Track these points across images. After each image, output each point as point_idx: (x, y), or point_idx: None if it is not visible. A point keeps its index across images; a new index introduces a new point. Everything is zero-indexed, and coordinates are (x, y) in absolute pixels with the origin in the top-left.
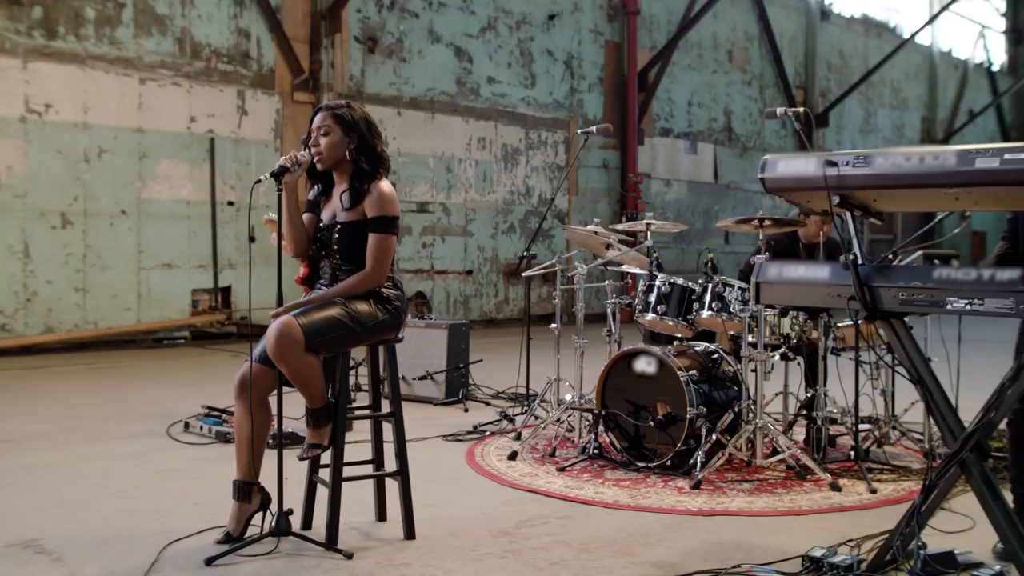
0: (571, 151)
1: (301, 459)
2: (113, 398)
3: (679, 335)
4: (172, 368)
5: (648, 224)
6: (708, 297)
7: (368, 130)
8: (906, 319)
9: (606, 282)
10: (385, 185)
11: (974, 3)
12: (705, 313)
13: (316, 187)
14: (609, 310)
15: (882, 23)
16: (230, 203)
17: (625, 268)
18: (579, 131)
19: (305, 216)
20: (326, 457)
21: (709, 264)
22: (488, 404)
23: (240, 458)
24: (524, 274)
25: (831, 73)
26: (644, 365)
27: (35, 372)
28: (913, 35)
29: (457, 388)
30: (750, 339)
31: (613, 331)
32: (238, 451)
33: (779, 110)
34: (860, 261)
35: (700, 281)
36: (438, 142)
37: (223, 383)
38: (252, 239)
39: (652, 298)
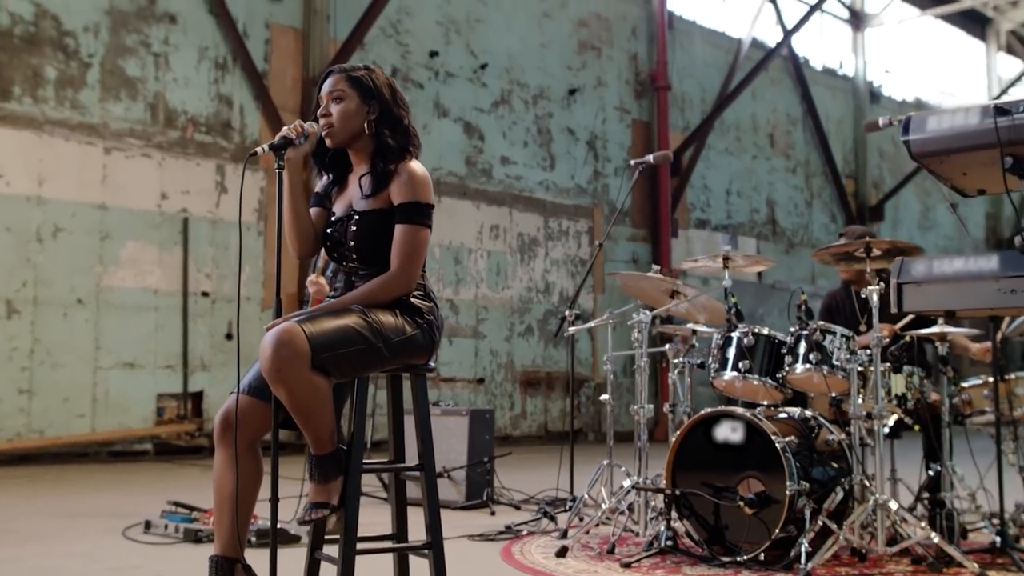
0: (597, 231)
1: (302, 523)
2: (58, 504)
3: (765, 401)
4: (131, 480)
5: (726, 258)
6: (803, 348)
7: (393, 98)
8: None
9: (666, 346)
10: (417, 166)
11: None
12: (800, 368)
13: (327, 176)
14: (675, 374)
15: (936, 108)
16: (205, 294)
17: (691, 326)
18: (631, 161)
19: (313, 211)
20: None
21: (803, 307)
22: (519, 508)
23: (220, 525)
24: (570, 330)
25: (883, 162)
26: (728, 432)
27: None
28: None
29: (480, 488)
30: (859, 401)
31: (681, 399)
32: (217, 515)
33: (881, 120)
34: None
35: (792, 329)
36: (445, 229)
37: (194, 492)
38: (230, 336)
39: (731, 353)
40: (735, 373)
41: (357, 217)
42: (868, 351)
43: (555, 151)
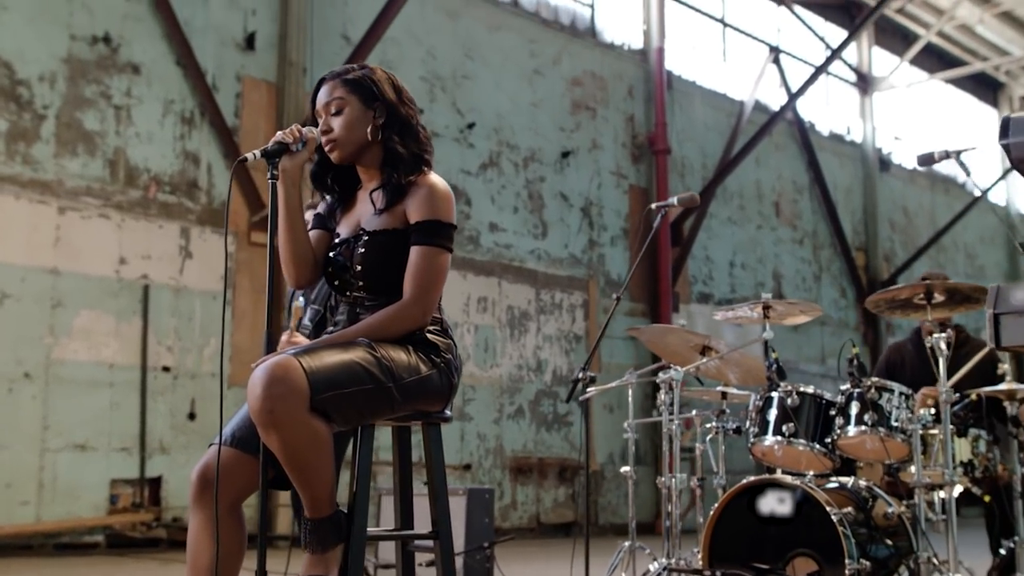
0: (592, 304)
1: None
2: None
3: (810, 470)
4: (81, 575)
5: (766, 307)
6: (856, 408)
7: (398, 97)
8: None
9: (692, 412)
10: (438, 180)
11: None
12: (853, 430)
13: (331, 196)
14: (706, 440)
15: (949, 177)
16: (166, 368)
17: (721, 387)
18: (653, 205)
19: (314, 234)
20: None
21: (855, 361)
22: None
23: None
24: (587, 391)
25: (895, 233)
26: (774, 504)
27: None
28: (985, 192)
29: None
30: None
31: (717, 470)
32: None
33: (936, 153)
34: None
35: (843, 387)
36: None
37: None
38: (192, 416)
39: (772, 415)
40: (778, 438)
41: (366, 238)
42: (932, 411)
43: (547, 218)
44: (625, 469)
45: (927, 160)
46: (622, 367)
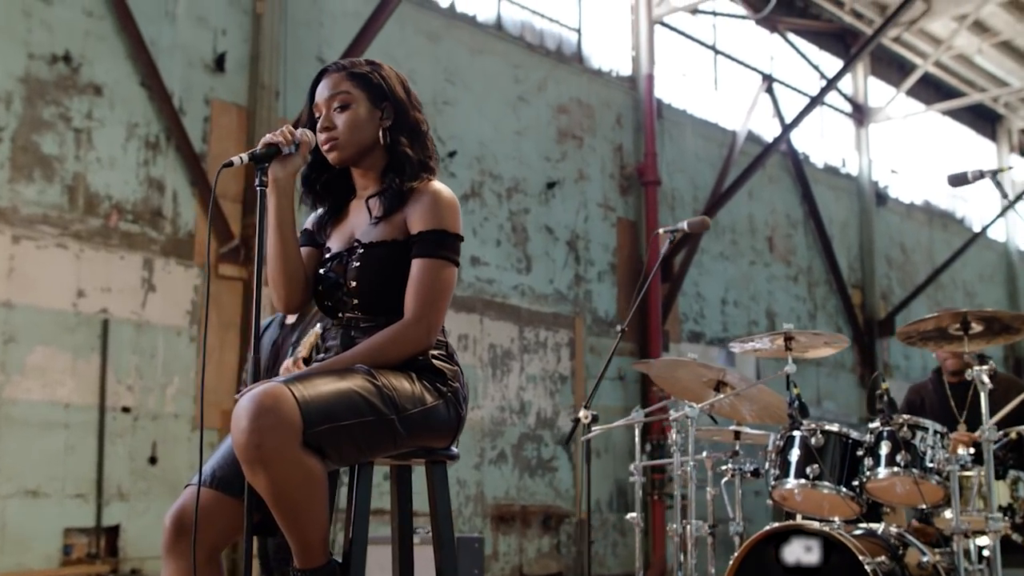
0: (579, 343)
1: None
2: None
3: (836, 516)
4: None
5: (788, 338)
6: (886, 448)
7: (408, 99)
8: None
9: (703, 454)
10: (442, 187)
11: None
12: (883, 471)
13: (319, 208)
14: (720, 484)
15: (947, 212)
16: (125, 409)
17: (734, 427)
18: (661, 230)
19: (303, 251)
20: None
21: (885, 397)
22: None
23: None
24: (591, 431)
25: (892, 270)
26: (800, 552)
27: None
28: (984, 228)
29: None
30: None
31: (734, 516)
32: None
33: (970, 172)
34: None
35: (872, 425)
36: None
37: None
38: (153, 460)
39: (794, 456)
40: (801, 480)
41: (361, 250)
42: (972, 450)
43: (531, 251)
44: (632, 515)
45: (959, 180)
46: (609, 409)
